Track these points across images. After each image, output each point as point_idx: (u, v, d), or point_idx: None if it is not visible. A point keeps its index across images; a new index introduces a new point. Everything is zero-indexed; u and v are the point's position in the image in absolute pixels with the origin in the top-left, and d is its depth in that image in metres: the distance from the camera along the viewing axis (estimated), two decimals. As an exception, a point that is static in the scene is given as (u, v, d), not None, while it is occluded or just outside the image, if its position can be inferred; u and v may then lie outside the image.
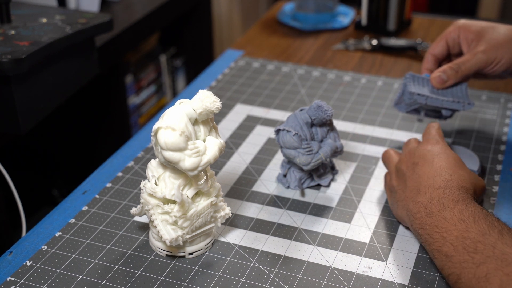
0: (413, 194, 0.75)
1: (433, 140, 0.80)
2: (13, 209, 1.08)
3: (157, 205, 0.73)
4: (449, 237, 0.67)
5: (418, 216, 0.72)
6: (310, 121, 0.84)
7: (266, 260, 0.76)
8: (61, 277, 0.73)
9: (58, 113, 1.47)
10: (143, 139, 1.00)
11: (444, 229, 0.68)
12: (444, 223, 0.69)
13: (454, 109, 0.89)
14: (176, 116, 0.69)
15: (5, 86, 0.91)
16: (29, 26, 0.99)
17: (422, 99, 0.88)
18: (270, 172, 0.92)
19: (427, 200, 0.72)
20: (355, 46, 1.32)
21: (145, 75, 1.76)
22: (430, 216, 0.71)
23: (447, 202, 0.71)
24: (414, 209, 0.73)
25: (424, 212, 0.72)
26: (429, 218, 0.71)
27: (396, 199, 0.79)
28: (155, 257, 0.76)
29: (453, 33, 0.91)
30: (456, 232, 0.67)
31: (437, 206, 0.71)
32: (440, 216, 0.70)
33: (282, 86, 1.16)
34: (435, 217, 0.70)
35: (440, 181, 0.73)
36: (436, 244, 0.69)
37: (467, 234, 0.66)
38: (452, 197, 0.71)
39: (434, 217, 0.70)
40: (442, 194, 0.72)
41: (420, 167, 0.76)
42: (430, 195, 0.72)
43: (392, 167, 0.82)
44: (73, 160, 1.64)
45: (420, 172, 0.76)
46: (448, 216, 0.69)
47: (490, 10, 2.66)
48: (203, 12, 1.85)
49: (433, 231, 0.70)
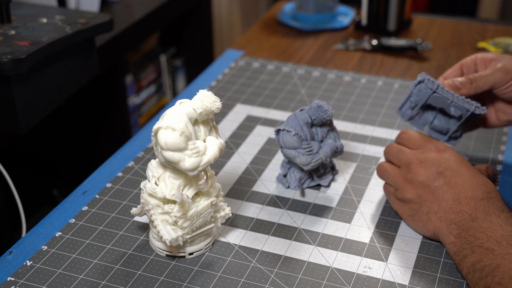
0: (453, 205, 0.74)
1: (438, 146, 0.79)
2: (13, 209, 1.08)
3: (157, 205, 0.73)
4: (494, 235, 0.69)
5: (462, 223, 0.72)
6: (310, 121, 0.84)
7: (266, 260, 0.76)
8: (61, 277, 0.73)
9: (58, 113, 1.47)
10: (143, 139, 1.00)
11: (490, 229, 0.70)
12: (490, 224, 0.70)
13: (465, 108, 0.83)
14: (176, 116, 0.69)
15: (5, 86, 0.91)
16: (29, 26, 0.99)
17: (433, 85, 0.83)
18: (270, 172, 0.92)
19: (472, 209, 0.73)
20: (355, 46, 1.32)
21: (145, 75, 1.76)
22: (476, 221, 0.71)
23: (493, 210, 0.72)
24: (457, 218, 0.73)
25: (469, 219, 0.72)
26: (474, 222, 0.71)
27: (422, 211, 0.77)
28: (155, 257, 0.76)
29: (470, 61, 0.89)
30: (501, 231, 0.69)
31: (483, 213, 0.72)
32: (486, 220, 0.71)
33: (282, 86, 1.16)
34: (480, 221, 0.71)
35: (482, 193, 0.74)
36: (478, 241, 0.69)
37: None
38: (497, 207, 0.72)
39: (480, 221, 0.71)
40: (487, 204, 0.73)
41: (449, 177, 0.76)
42: (475, 205, 0.73)
43: (395, 178, 0.81)
44: (73, 160, 1.64)
45: (452, 183, 0.75)
46: (494, 220, 0.70)
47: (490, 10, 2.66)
48: (203, 12, 1.85)
49: (477, 231, 0.70)
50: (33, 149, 1.61)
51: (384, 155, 0.84)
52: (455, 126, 0.85)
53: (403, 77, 1.20)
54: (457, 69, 0.89)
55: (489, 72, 0.85)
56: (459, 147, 0.97)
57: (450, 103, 0.83)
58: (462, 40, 1.35)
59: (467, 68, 0.89)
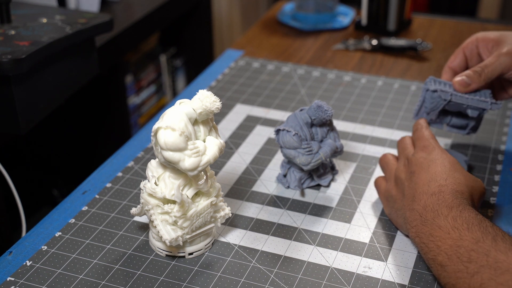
0: (410, 202, 0.74)
1: (430, 147, 0.78)
2: (13, 209, 1.08)
3: (157, 205, 0.73)
4: (443, 246, 0.67)
5: (414, 224, 0.72)
6: (310, 121, 0.84)
7: (266, 260, 0.76)
8: (61, 277, 0.73)
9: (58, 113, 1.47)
10: (143, 139, 1.00)
11: (439, 237, 0.68)
12: (438, 231, 0.68)
13: (481, 108, 0.84)
14: (176, 116, 0.69)
15: (5, 86, 0.91)
16: (29, 26, 0.99)
17: (446, 95, 0.84)
18: (270, 172, 0.92)
19: (422, 207, 0.72)
20: (355, 46, 1.32)
21: (145, 75, 1.76)
22: (425, 224, 0.70)
23: (441, 209, 0.70)
24: (411, 217, 0.73)
25: (419, 220, 0.71)
26: (424, 226, 0.70)
27: (394, 208, 0.78)
28: (155, 257, 0.76)
29: (471, 44, 0.89)
30: (450, 241, 0.67)
31: (431, 213, 0.70)
32: (434, 224, 0.69)
33: (282, 86, 1.16)
34: (429, 225, 0.70)
35: (434, 187, 0.72)
36: (431, 254, 0.68)
37: (461, 243, 0.66)
38: (446, 203, 0.70)
39: (429, 225, 0.70)
40: (436, 201, 0.71)
41: (416, 175, 0.75)
42: (425, 202, 0.72)
43: (391, 174, 0.81)
44: (73, 160, 1.64)
45: (417, 180, 0.75)
46: (442, 224, 0.68)
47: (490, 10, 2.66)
48: (203, 12, 1.85)
49: (428, 240, 0.69)
50: (33, 149, 1.61)
51: (397, 146, 0.85)
52: (474, 122, 0.87)
53: (403, 77, 1.20)
54: (460, 54, 0.89)
55: (494, 59, 0.84)
56: (459, 147, 0.97)
57: (466, 107, 0.85)
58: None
59: (469, 52, 0.89)
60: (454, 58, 0.90)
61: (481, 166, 0.92)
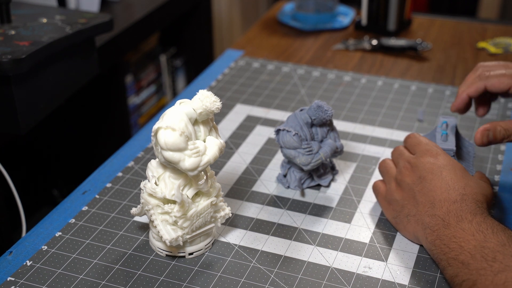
0: (428, 208, 0.73)
1: (433, 151, 0.78)
2: (13, 209, 1.08)
3: (157, 205, 0.73)
4: (467, 246, 0.67)
5: (436, 228, 0.71)
6: (310, 121, 0.84)
7: (266, 260, 0.76)
8: (61, 277, 0.73)
9: (58, 113, 1.47)
10: (143, 139, 1.00)
11: (462, 239, 0.68)
12: (462, 233, 0.68)
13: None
14: (176, 116, 0.69)
15: (5, 86, 0.91)
16: (29, 26, 0.99)
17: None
18: (270, 172, 0.92)
19: (445, 213, 0.71)
20: (355, 46, 1.32)
21: (145, 75, 1.76)
22: (448, 228, 0.70)
23: (465, 214, 0.70)
24: (431, 222, 0.72)
25: (441, 224, 0.71)
26: (446, 229, 0.70)
27: (403, 213, 0.77)
28: (155, 257, 0.76)
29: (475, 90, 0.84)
30: (474, 242, 0.67)
31: (454, 218, 0.70)
32: (458, 227, 0.69)
33: (282, 86, 1.16)
34: (453, 228, 0.69)
35: (456, 195, 0.72)
36: (452, 253, 0.68)
37: (486, 244, 0.65)
38: (470, 210, 0.71)
39: (452, 228, 0.70)
40: (459, 207, 0.71)
41: (429, 181, 0.75)
42: (447, 208, 0.72)
43: (390, 177, 0.81)
44: (73, 160, 1.64)
45: (431, 186, 0.74)
46: (466, 227, 0.69)
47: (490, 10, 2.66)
48: (203, 12, 1.85)
49: (450, 241, 0.69)
50: (33, 149, 1.61)
51: (391, 154, 0.84)
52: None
53: (403, 77, 1.20)
54: (481, 87, 0.84)
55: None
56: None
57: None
58: (462, 40, 1.35)
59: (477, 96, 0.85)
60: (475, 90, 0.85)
61: (481, 166, 0.92)
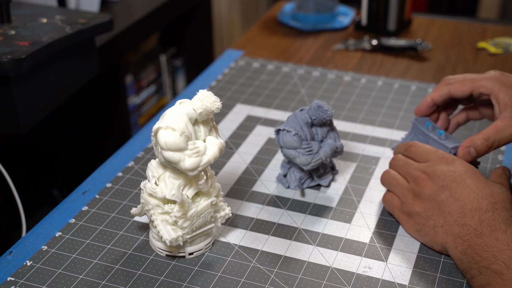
0: (458, 218, 0.72)
1: (448, 158, 0.76)
2: (13, 209, 1.08)
3: (157, 205, 0.73)
4: (501, 256, 0.66)
5: (467, 238, 0.70)
6: (310, 121, 0.84)
7: (266, 260, 0.76)
8: (61, 277, 0.73)
9: (58, 113, 1.47)
10: (143, 139, 1.00)
11: (496, 248, 0.67)
12: (496, 242, 0.67)
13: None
14: (176, 116, 0.69)
15: (5, 86, 0.91)
16: (29, 26, 0.99)
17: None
18: (270, 172, 0.92)
19: (477, 222, 0.70)
20: (355, 46, 1.32)
21: (145, 75, 1.76)
22: (481, 237, 0.69)
23: (499, 224, 0.69)
24: (462, 232, 0.71)
25: (474, 233, 0.70)
26: (479, 238, 0.69)
27: (429, 225, 0.75)
28: (155, 257, 0.76)
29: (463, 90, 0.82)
30: (509, 252, 0.65)
31: (488, 227, 0.69)
32: (492, 237, 0.68)
33: (282, 86, 1.16)
34: (486, 238, 0.68)
35: (486, 204, 0.71)
36: (485, 262, 0.67)
37: None
38: (503, 220, 0.69)
39: (485, 237, 0.68)
40: (492, 217, 0.70)
41: (454, 190, 0.73)
42: (479, 218, 0.70)
43: (404, 191, 0.78)
44: (73, 160, 1.64)
45: (457, 195, 0.73)
46: (500, 237, 0.67)
47: (490, 10, 2.66)
48: (203, 12, 1.85)
49: (483, 250, 0.67)
50: (33, 149, 1.61)
51: (390, 165, 0.82)
52: None
53: (403, 77, 1.20)
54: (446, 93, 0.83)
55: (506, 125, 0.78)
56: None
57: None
58: (462, 40, 1.35)
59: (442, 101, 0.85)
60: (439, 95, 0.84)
61: (481, 166, 0.92)
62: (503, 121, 0.78)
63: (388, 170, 0.82)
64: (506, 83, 0.80)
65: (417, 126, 0.86)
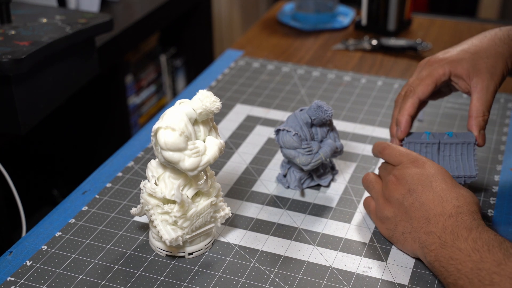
0: (423, 225, 0.72)
1: (420, 160, 0.76)
2: (13, 209, 1.08)
3: (157, 205, 0.73)
4: (464, 269, 0.65)
5: (433, 248, 0.70)
6: (310, 121, 0.84)
7: (266, 260, 0.76)
8: (61, 277, 0.73)
9: (58, 113, 1.47)
10: (143, 139, 1.00)
11: (459, 260, 0.66)
12: (459, 254, 0.66)
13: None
14: (176, 116, 0.69)
15: (5, 86, 0.91)
16: (29, 26, 0.99)
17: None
18: (270, 172, 0.92)
19: (441, 229, 0.70)
20: (355, 46, 1.32)
21: (145, 75, 1.76)
22: (445, 247, 0.68)
23: (461, 231, 0.68)
24: (428, 240, 0.70)
25: (438, 243, 0.69)
26: (443, 249, 0.68)
27: (398, 231, 0.75)
28: (155, 257, 0.76)
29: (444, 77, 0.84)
30: (470, 264, 0.65)
31: (450, 236, 0.68)
32: (454, 247, 0.67)
33: (282, 86, 1.16)
34: (449, 248, 0.68)
35: (450, 208, 0.71)
36: (451, 278, 0.67)
37: (482, 265, 0.64)
38: (465, 225, 0.69)
39: (449, 248, 0.68)
40: (455, 223, 0.69)
41: (419, 193, 0.73)
42: (443, 224, 0.70)
43: (377, 194, 0.78)
44: (73, 160, 1.64)
45: (423, 200, 0.72)
46: (462, 247, 0.67)
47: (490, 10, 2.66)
48: (203, 12, 1.85)
49: (448, 263, 0.67)
50: (33, 149, 1.61)
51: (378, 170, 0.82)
52: None
53: (403, 77, 1.20)
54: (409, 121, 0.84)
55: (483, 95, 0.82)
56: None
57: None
58: (462, 40, 1.34)
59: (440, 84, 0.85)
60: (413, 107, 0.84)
61: (481, 166, 0.92)
62: (477, 91, 0.82)
63: (367, 173, 0.82)
64: (450, 60, 0.83)
65: (415, 143, 0.83)
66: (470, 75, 0.82)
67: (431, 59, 0.85)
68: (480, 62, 0.82)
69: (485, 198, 0.86)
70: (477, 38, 0.86)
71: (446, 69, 0.83)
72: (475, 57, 0.82)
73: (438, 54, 0.86)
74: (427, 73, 0.83)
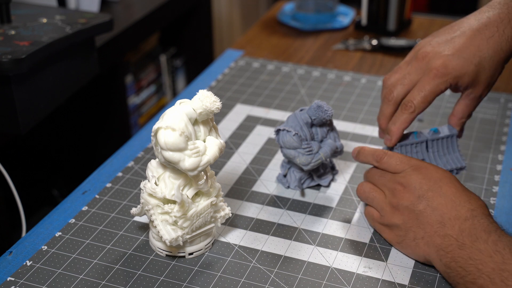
0: (438, 229, 0.71)
1: (421, 166, 0.75)
2: (13, 209, 1.08)
3: (157, 205, 0.73)
4: (485, 269, 0.65)
5: (450, 249, 0.69)
6: (310, 121, 0.84)
7: (266, 260, 0.76)
8: (61, 277, 0.73)
9: (58, 113, 1.47)
10: (143, 139, 1.00)
11: (479, 260, 0.65)
12: (479, 254, 0.66)
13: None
14: (176, 116, 0.69)
15: (5, 86, 0.91)
16: (29, 26, 0.99)
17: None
18: (270, 172, 0.92)
19: (457, 232, 0.69)
20: (355, 46, 1.32)
21: (145, 75, 1.76)
22: (463, 249, 0.67)
23: (479, 233, 0.68)
24: (444, 243, 0.70)
25: (455, 245, 0.68)
26: (461, 250, 0.67)
27: (409, 237, 0.74)
28: (155, 257, 0.76)
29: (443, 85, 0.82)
30: (492, 264, 0.65)
31: (469, 238, 0.68)
32: (474, 248, 0.67)
33: (282, 86, 1.16)
34: (468, 249, 0.67)
35: (465, 212, 0.70)
36: (470, 277, 0.66)
37: (505, 266, 0.64)
38: (483, 227, 0.68)
39: (467, 249, 0.67)
40: (472, 225, 0.69)
41: (430, 199, 0.72)
42: (459, 227, 0.69)
43: (382, 204, 0.77)
44: (73, 160, 1.64)
45: (435, 205, 0.72)
46: (482, 248, 0.66)
47: (490, 10, 2.65)
48: (203, 12, 1.85)
49: (466, 263, 0.67)
50: (33, 149, 1.61)
51: (365, 178, 0.81)
52: None
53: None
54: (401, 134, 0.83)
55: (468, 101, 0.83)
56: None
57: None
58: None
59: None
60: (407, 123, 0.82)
61: (481, 166, 0.92)
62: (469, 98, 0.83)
63: (362, 183, 0.81)
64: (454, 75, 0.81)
65: (406, 145, 0.83)
66: (468, 86, 0.81)
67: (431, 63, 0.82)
68: (481, 75, 0.81)
69: (485, 198, 0.86)
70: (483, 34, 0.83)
71: (448, 84, 0.81)
72: (478, 69, 0.80)
73: (439, 51, 0.83)
74: (430, 90, 0.80)
